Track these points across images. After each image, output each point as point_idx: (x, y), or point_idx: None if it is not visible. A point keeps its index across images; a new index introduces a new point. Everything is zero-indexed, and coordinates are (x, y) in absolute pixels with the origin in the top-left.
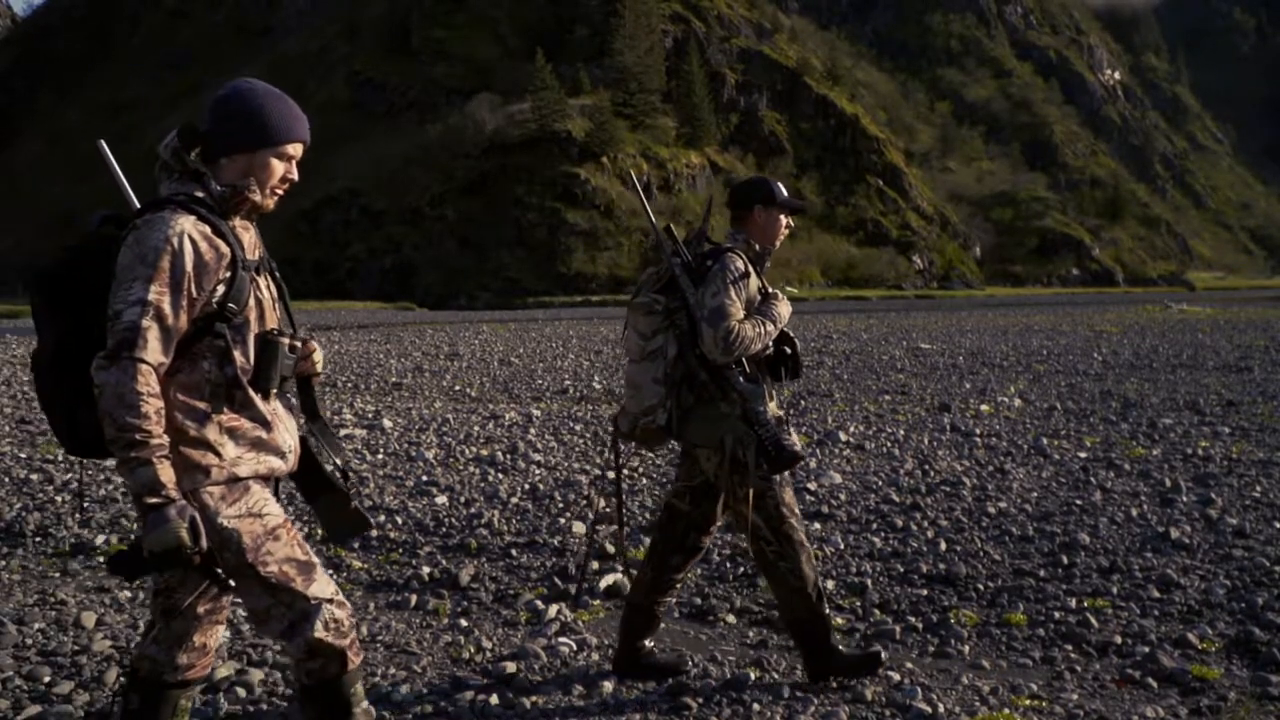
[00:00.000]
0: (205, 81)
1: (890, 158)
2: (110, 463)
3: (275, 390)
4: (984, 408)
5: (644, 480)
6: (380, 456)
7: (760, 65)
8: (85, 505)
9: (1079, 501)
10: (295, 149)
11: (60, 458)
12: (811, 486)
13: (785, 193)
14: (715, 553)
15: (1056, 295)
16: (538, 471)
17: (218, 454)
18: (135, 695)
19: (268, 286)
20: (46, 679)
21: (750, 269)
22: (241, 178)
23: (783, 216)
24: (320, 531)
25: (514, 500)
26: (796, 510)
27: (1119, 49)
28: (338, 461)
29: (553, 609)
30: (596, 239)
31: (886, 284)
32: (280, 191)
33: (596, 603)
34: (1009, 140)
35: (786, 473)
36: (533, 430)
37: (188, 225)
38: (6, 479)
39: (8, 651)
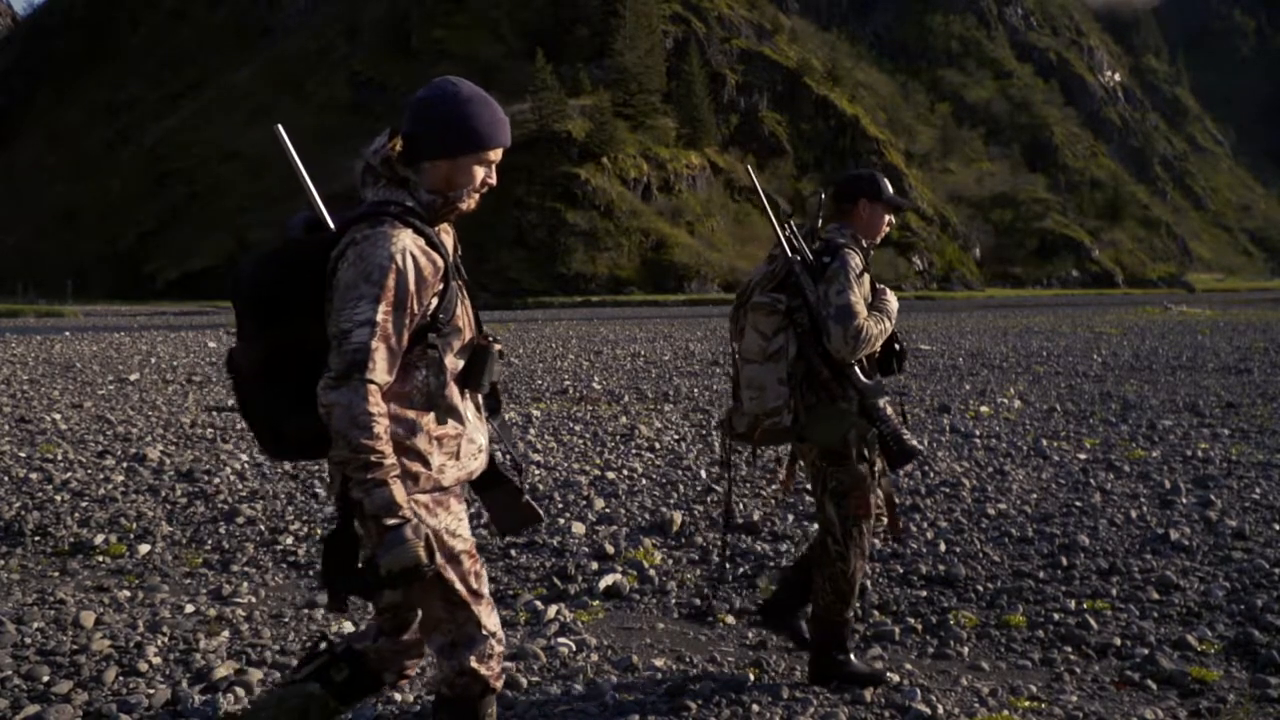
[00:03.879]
0: (205, 81)
1: (890, 159)
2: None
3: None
4: (983, 409)
5: (644, 481)
6: None
7: (760, 66)
8: (85, 505)
9: (1078, 503)
10: (496, 154)
11: (59, 457)
12: (809, 486)
13: (890, 189)
14: (715, 554)
15: (1056, 296)
16: (537, 472)
17: (426, 463)
18: (346, 669)
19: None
20: (45, 678)
21: (864, 264)
22: (443, 182)
23: (887, 213)
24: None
25: None
26: (873, 518)
27: (1119, 50)
28: (513, 454)
29: (552, 609)
30: (596, 239)
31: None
32: (480, 192)
33: (596, 603)
34: (1009, 141)
35: (881, 479)
36: (532, 430)
37: (408, 241)
38: (6, 478)
39: (7, 651)
